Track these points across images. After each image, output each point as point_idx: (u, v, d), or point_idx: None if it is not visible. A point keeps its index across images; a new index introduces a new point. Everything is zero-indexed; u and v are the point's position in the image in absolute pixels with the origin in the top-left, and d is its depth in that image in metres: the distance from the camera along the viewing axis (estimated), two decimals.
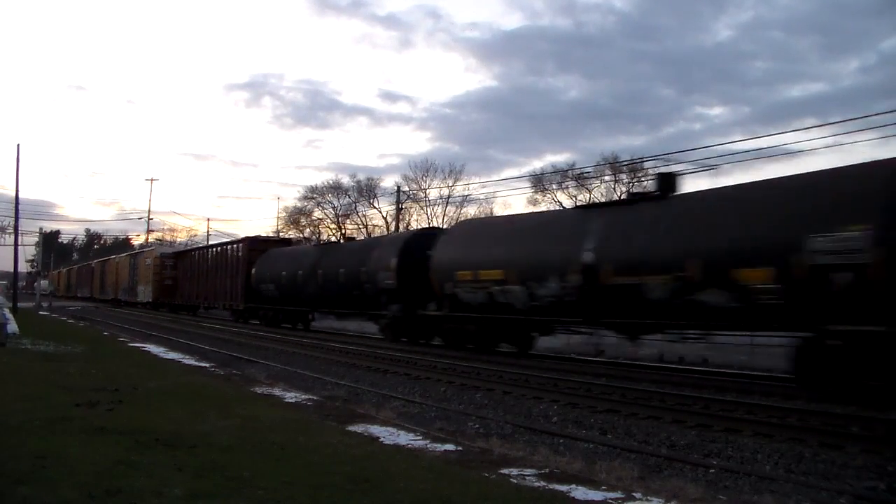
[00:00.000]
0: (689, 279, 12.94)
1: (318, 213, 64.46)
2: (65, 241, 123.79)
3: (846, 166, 12.21)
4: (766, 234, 12.00)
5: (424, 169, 60.06)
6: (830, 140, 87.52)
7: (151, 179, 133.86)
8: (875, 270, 10.40)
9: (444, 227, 30.94)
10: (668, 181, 15.32)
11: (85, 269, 66.51)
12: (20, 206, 41.59)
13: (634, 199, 16.73)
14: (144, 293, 44.54)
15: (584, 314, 15.65)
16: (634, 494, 5.73)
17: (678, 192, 14.97)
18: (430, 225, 33.90)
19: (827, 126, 50.34)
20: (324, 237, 64.15)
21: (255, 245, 33.99)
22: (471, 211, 61.03)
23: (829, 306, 11.00)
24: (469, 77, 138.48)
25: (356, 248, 26.76)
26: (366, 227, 59.50)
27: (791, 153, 59.50)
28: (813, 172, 12.71)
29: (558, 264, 15.72)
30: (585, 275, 15.01)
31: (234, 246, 36.31)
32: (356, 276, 23.91)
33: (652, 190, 15.73)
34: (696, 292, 12.85)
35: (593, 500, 5.52)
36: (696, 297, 12.88)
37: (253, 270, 31.68)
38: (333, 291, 25.57)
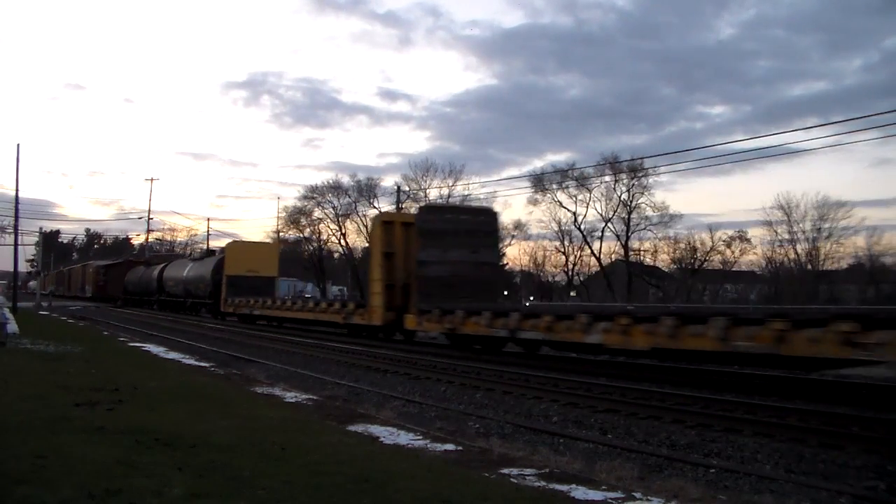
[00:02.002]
0: (200, 286, 40.30)
1: (318, 213, 64.62)
2: (65, 241, 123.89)
3: (217, 256, 41.90)
4: (203, 273, 39.92)
5: (424, 168, 60.18)
6: (832, 140, 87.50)
7: (151, 179, 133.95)
8: (211, 286, 38.20)
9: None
10: (207, 252, 48.20)
11: (60, 274, 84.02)
12: (20, 206, 41.72)
13: (200, 255, 48.34)
14: (89, 291, 65.73)
15: (185, 298, 42.98)
16: (635, 494, 5.72)
17: (205, 257, 44.10)
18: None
19: (829, 125, 50.49)
20: (323, 237, 65.01)
21: (130, 264, 60.79)
22: None
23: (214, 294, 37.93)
24: (469, 75, 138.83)
25: (152, 268, 53.21)
26: (366, 227, 59.56)
27: (793, 153, 59.81)
28: (216, 256, 41.73)
29: (182, 279, 43.52)
30: (185, 284, 42.92)
31: (122, 263, 64.24)
32: (149, 282, 50.93)
33: (204, 252, 50.05)
34: (201, 289, 39.97)
35: (593, 500, 5.51)
36: (200, 290, 40.25)
37: (126, 278, 57.26)
38: (145, 289, 52.34)
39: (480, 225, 22.13)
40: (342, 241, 64.78)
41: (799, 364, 12.48)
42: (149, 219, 75.76)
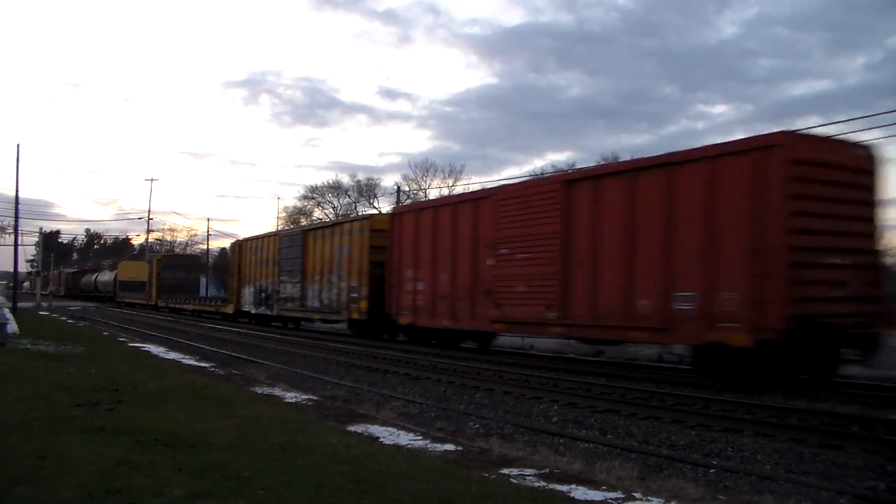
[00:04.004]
0: (110, 287, 63.54)
1: (318, 213, 64.72)
2: (65, 242, 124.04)
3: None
4: (111, 279, 64.33)
5: (424, 168, 60.25)
6: None
7: (151, 179, 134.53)
8: (114, 287, 63.26)
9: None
10: (117, 265, 70.15)
11: (46, 276, 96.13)
12: (20, 206, 41.82)
13: (113, 267, 70.39)
14: (62, 291, 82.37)
15: (105, 294, 65.38)
16: (634, 494, 5.73)
17: (114, 269, 67.52)
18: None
19: (831, 125, 50.52)
20: None
21: (83, 272, 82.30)
22: None
23: (115, 292, 62.79)
24: (469, 74, 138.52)
25: (93, 274, 73.77)
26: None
27: None
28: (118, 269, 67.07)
29: (103, 282, 67.07)
30: (104, 285, 66.69)
31: (80, 271, 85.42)
32: (90, 284, 72.36)
33: (114, 264, 72.48)
34: (111, 288, 63.28)
35: (593, 500, 5.52)
36: (110, 289, 63.52)
37: (82, 280, 78.21)
38: (90, 289, 71.19)
39: (192, 262, 58.21)
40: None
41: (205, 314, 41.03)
42: (149, 219, 76.17)
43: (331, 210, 63.07)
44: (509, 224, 16.53)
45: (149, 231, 78.92)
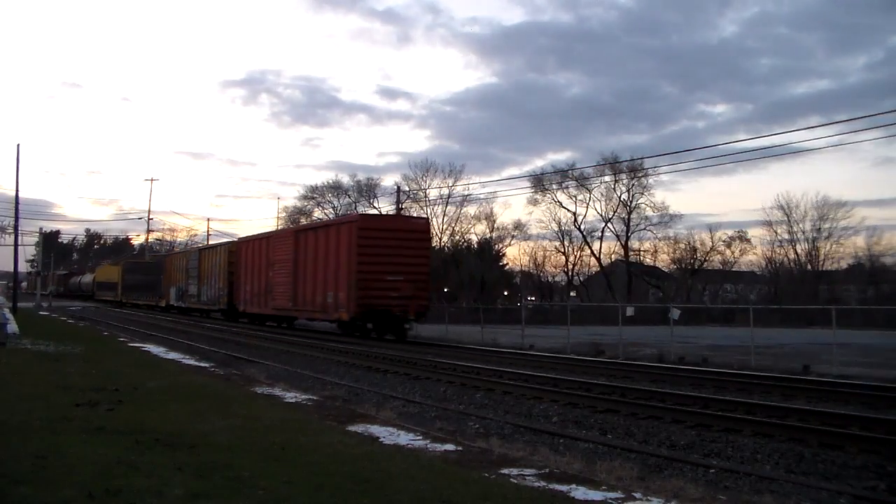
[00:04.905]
0: (90, 286, 74.52)
1: (318, 213, 64.68)
2: (65, 242, 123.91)
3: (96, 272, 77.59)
4: (91, 280, 76.68)
5: (424, 168, 60.28)
6: (835, 139, 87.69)
7: (151, 179, 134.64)
8: (93, 286, 73.69)
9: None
10: (94, 268, 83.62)
11: (46, 276, 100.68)
12: (20, 206, 41.79)
13: (92, 271, 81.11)
14: (57, 291, 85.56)
15: (86, 293, 75.62)
16: (634, 494, 5.73)
17: (94, 273, 77.38)
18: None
19: (832, 125, 50.71)
20: None
21: (71, 274, 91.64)
22: (471, 210, 61.22)
23: (94, 291, 73.38)
24: (469, 73, 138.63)
25: (78, 276, 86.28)
26: None
27: (795, 152, 60.01)
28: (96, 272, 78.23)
29: (85, 282, 78.99)
30: (86, 285, 77.62)
31: (69, 273, 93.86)
32: (76, 284, 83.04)
33: (94, 268, 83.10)
34: (91, 287, 73.71)
35: (593, 500, 5.52)
36: (90, 287, 74.15)
37: (70, 281, 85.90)
38: (75, 289, 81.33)
39: (149, 267, 59.21)
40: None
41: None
42: (149, 219, 76.32)
43: (331, 210, 63.08)
44: (277, 253, 29.57)
45: (149, 231, 79.16)
